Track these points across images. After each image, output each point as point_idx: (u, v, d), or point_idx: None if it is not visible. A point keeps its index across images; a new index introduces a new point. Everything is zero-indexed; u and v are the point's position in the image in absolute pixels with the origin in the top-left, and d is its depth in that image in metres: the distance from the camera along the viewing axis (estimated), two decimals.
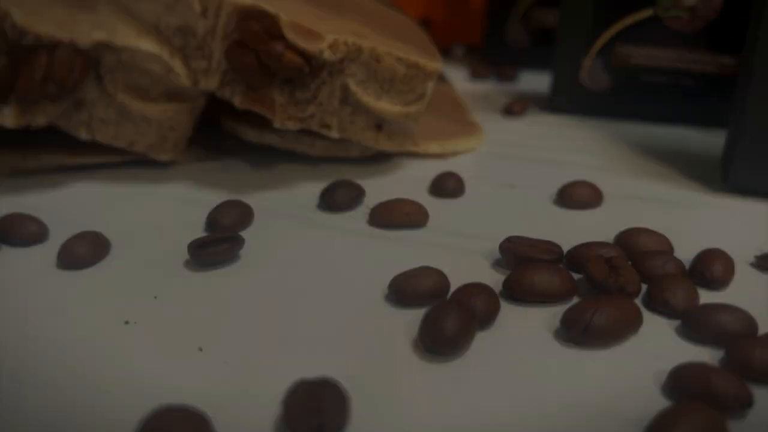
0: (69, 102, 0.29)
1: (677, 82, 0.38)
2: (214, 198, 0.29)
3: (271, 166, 0.32)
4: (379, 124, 0.30)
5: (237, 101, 0.28)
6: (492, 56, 0.51)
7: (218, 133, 0.34)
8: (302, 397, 0.16)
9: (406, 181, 0.31)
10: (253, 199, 0.29)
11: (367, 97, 0.29)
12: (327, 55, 0.28)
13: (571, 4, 0.38)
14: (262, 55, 0.27)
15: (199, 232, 0.26)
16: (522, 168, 0.33)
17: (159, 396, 0.17)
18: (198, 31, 0.27)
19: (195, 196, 0.29)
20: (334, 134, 0.30)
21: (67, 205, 0.28)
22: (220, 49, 0.28)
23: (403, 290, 0.21)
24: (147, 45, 0.28)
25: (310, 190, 0.30)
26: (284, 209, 0.28)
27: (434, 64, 0.30)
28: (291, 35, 0.27)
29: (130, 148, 0.30)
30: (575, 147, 0.36)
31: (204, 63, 0.28)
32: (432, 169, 0.32)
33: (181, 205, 0.28)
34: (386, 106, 0.30)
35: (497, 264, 0.24)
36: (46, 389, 0.17)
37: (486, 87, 0.47)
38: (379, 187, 0.30)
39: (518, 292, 0.21)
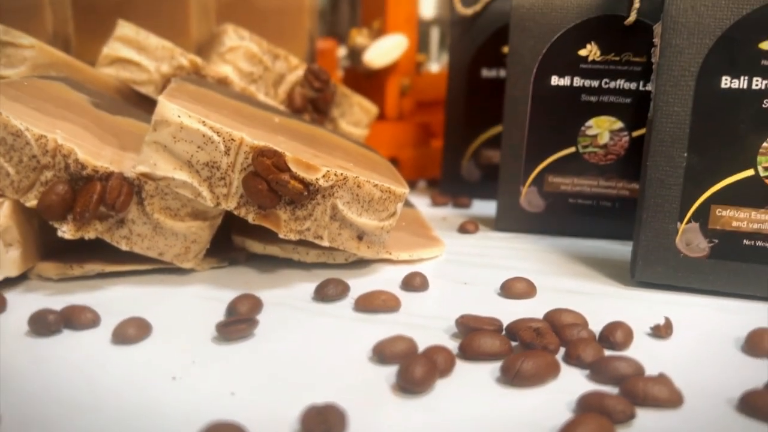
0: (114, 220, 0.35)
1: (597, 204, 0.46)
2: (229, 295, 0.35)
3: (273, 271, 0.39)
4: (360, 235, 0.37)
5: (250, 218, 0.35)
6: (449, 188, 0.59)
7: (229, 246, 0.41)
8: (314, 414, 0.22)
9: (382, 279, 0.38)
10: (261, 294, 0.35)
11: (351, 215, 0.36)
12: (321, 182, 0.35)
13: (509, 145, 0.46)
14: (272, 183, 0.34)
15: (220, 318, 0.32)
16: (474, 270, 0.40)
17: (203, 422, 0.23)
18: (222, 165, 0.35)
19: (213, 294, 0.35)
20: (326, 243, 0.36)
21: (109, 301, 0.34)
22: (238, 178, 0.35)
23: (383, 352, 0.27)
24: (181, 176, 0.35)
25: (306, 287, 0.36)
26: (286, 301, 0.34)
27: (402, 189, 0.38)
28: (294, 167, 0.34)
29: (160, 257, 0.37)
30: (516, 255, 0.43)
31: (225, 189, 0.35)
32: (402, 272, 0.39)
33: (203, 300, 0.34)
34: (366, 221, 0.37)
35: (454, 336, 0.30)
36: (114, 424, 0.23)
37: (445, 212, 0.55)
38: (360, 284, 0.37)
39: (469, 352, 0.27)
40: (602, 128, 0.45)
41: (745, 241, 0.34)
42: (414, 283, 0.36)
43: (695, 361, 0.28)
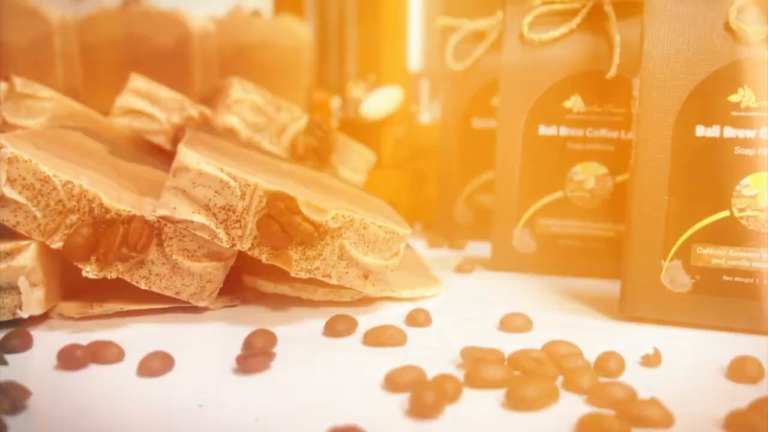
0: (135, 261, 0.37)
1: (586, 245, 0.48)
2: (243, 331, 0.36)
3: (283, 309, 0.40)
4: (366, 274, 0.39)
5: (264, 258, 0.37)
6: (444, 231, 0.61)
7: (239, 285, 0.42)
8: None
9: (387, 316, 0.39)
10: (273, 330, 0.36)
11: (358, 254, 0.38)
12: (330, 224, 0.37)
13: (502, 191, 0.49)
14: (285, 225, 0.36)
15: (237, 352, 0.34)
16: (472, 307, 0.41)
17: None
18: (237, 209, 0.37)
19: (228, 330, 0.37)
20: (334, 282, 0.38)
21: (130, 338, 0.35)
22: (252, 221, 0.37)
23: (395, 380, 0.29)
24: (199, 219, 0.37)
25: (315, 323, 0.38)
26: (298, 336, 0.36)
27: (405, 230, 0.40)
28: (305, 210, 0.36)
29: (177, 296, 0.38)
30: (511, 293, 0.45)
31: (240, 231, 0.37)
32: (405, 309, 0.41)
33: (219, 336, 0.36)
34: (372, 260, 0.39)
35: (459, 366, 0.32)
36: None
37: (441, 253, 0.57)
38: (366, 320, 0.38)
39: (475, 380, 0.29)
40: (588, 174, 0.47)
41: (724, 276, 0.37)
42: (418, 318, 0.38)
43: (682, 387, 0.30)
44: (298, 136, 0.57)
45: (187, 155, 0.36)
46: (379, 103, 0.63)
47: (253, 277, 0.42)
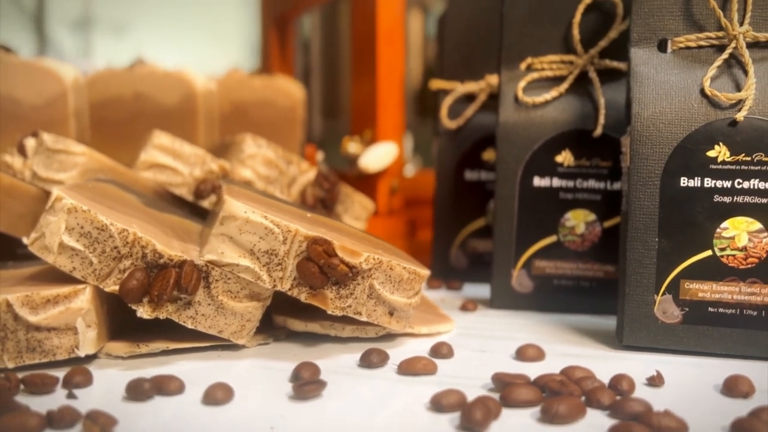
0: (183, 302, 0.40)
1: (578, 284, 0.53)
2: (282, 365, 0.39)
3: (313, 345, 0.43)
4: (392, 311, 0.42)
5: (303, 298, 0.40)
6: (440, 274, 0.65)
7: (269, 325, 0.45)
8: None
9: (411, 349, 0.43)
10: None
11: (385, 293, 0.42)
12: (363, 265, 0.40)
13: (501, 236, 0.53)
14: (324, 267, 0.39)
15: (283, 383, 0.36)
16: (485, 341, 0.45)
17: None
18: (279, 252, 0.40)
19: (269, 365, 0.39)
20: (364, 318, 0.41)
21: (179, 373, 0.38)
22: (292, 263, 0.40)
23: (440, 402, 0.32)
24: (245, 262, 0.39)
25: (347, 357, 0.41)
26: (335, 368, 0.39)
27: (425, 271, 0.43)
28: (341, 253, 0.40)
29: (219, 334, 0.41)
30: (515, 329, 0.48)
31: (281, 273, 0.40)
32: (423, 343, 0.44)
33: (262, 370, 0.39)
34: (397, 298, 0.42)
35: (491, 390, 0.35)
36: None
37: (441, 294, 0.60)
38: (395, 354, 0.41)
39: (510, 400, 0.33)
40: (578, 220, 0.52)
41: (709, 308, 0.41)
42: (442, 351, 0.41)
43: (686, 402, 0.34)
44: (307, 187, 0.61)
45: (235, 205, 0.39)
46: (377, 157, 0.67)
47: (283, 317, 0.44)
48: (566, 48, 0.52)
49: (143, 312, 0.39)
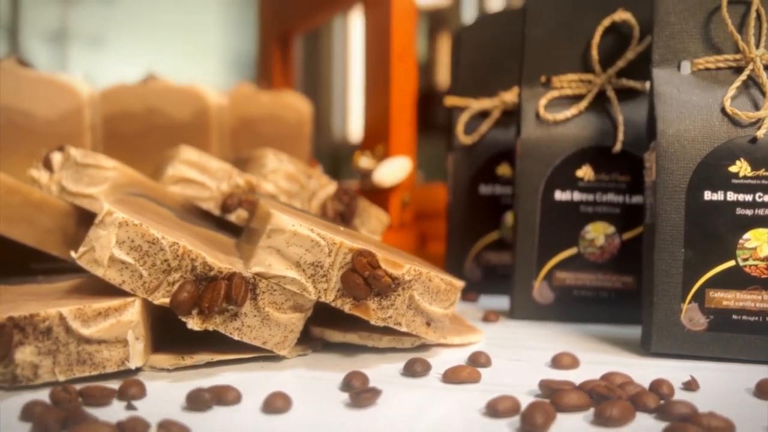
0: (230, 314, 0.41)
1: (597, 295, 0.54)
2: (327, 375, 0.40)
3: (352, 355, 0.44)
4: (429, 322, 0.44)
5: (347, 308, 0.41)
6: None
7: (305, 336, 0.46)
8: None
9: (447, 359, 0.44)
10: None
11: (424, 304, 0.43)
12: (405, 276, 0.41)
13: (522, 248, 0.54)
14: (368, 278, 0.40)
15: (332, 392, 0.37)
16: (516, 350, 0.46)
17: None
18: (325, 264, 0.41)
19: (313, 375, 0.40)
20: (404, 329, 0.42)
21: (232, 383, 0.38)
22: (336, 275, 0.41)
23: (496, 407, 0.33)
24: (291, 274, 0.40)
25: (387, 367, 0.42)
26: (379, 378, 0.40)
27: (460, 282, 0.45)
28: (384, 265, 0.41)
29: (263, 345, 0.42)
30: (541, 338, 0.50)
31: (325, 284, 0.41)
32: (456, 353, 0.45)
33: (307, 380, 0.39)
34: (435, 309, 0.43)
35: (537, 396, 0.37)
36: None
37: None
38: (435, 363, 0.42)
39: (561, 405, 0.34)
40: (598, 233, 0.54)
41: (734, 316, 0.43)
42: (480, 360, 0.42)
43: (723, 404, 0.35)
44: (327, 201, 0.62)
45: (283, 219, 0.40)
46: (390, 171, 0.69)
47: (321, 328, 0.45)
48: (585, 67, 0.55)
49: (193, 324, 0.39)
